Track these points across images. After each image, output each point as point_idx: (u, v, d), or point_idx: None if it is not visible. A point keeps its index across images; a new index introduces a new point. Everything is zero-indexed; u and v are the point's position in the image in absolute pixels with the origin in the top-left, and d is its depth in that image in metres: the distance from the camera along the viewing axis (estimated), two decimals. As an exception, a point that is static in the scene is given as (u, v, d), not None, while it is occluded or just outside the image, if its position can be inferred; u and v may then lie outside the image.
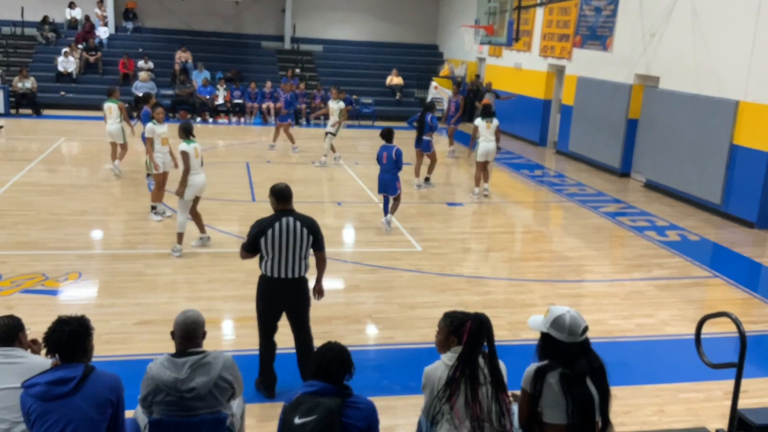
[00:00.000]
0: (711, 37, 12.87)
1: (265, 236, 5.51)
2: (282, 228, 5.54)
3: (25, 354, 4.03)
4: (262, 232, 5.52)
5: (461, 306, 4.39)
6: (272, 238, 5.50)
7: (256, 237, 5.53)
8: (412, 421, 4.48)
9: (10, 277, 8.03)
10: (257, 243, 5.53)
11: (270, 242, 5.50)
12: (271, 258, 5.54)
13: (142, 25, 25.43)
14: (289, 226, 5.56)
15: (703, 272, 9.66)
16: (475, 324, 3.83)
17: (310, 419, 3.56)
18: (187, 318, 4.16)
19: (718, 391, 6.23)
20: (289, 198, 5.72)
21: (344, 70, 25.28)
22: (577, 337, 3.73)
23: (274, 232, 5.51)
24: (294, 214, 5.66)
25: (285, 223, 5.56)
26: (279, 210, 5.66)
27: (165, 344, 5.40)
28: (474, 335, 3.81)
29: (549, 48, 18.98)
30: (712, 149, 12.68)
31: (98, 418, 3.61)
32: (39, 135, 17.62)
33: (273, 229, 5.52)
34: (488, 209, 12.82)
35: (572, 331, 3.72)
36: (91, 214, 10.82)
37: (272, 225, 5.53)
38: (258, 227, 5.57)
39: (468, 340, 3.81)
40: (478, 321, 3.84)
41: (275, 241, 5.50)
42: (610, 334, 7.38)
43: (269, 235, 5.50)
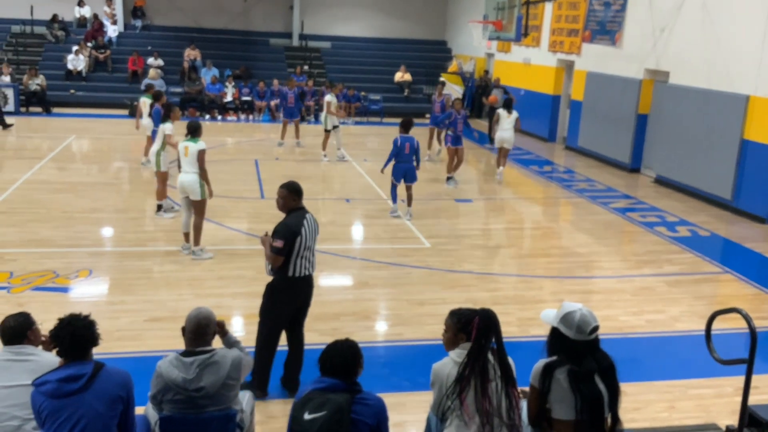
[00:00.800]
0: (721, 32, 12.79)
1: (301, 236, 5.49)
2: (310, 225, 5.61)
3: (35, 351, 4.05)
4: (298, 233, 5.48)
5: (470, 302, 4.39)
6: (305, 237, 5.54)
7: (293, 238, 5.46)
8: (421, 417, 4.48)
9: (21, 275, 8.08)
10: (293, 245, 5.47)
11: (304, 241, 5.53)
12: (301, 257, 5.54)
13: (150, 23, 25.51)
14: (311, 222, 5.64)
15: (714, 268, 9.62)
16: (483, 319, 3.83)
17: (320, 415, 3.57)
18: (199, 314, 4.17)
19: (728, 387, 6.20)
20: (302, 194, 5.76)
21: (352, 66, 25.26)
22: (584, 336, 3.71)
23: (306, 231, 5.55)
24: (309, 212, 5.72)
25: (309, 220, 5.62)
26: (297, 208, 5.66)
27: (175, 341, 5.43)
28: (482, 331, 3.80)
29: (558, 43, 18.91)
30: (723, 144, 12.61)
31: (109, 415, 3.64)
32: (49, 133, 17.71)
33: (305, 227, 5.54)
34: (497, 205, 12.80)
35: (580, 329, 3.71)
36: (101, 211, 10.87)
37: (302, 224, 5.53)
38: (291, 229, 5.49)
39: (477, 336, 3.80)
40: (486, 316, 3.84)
41: (307, 240, 5.55)
42: (620, 331, 7.35)
43: (304, 234, 5.52)
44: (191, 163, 8.83)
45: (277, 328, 5.75)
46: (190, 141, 8.93)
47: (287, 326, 5.82)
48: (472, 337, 3.83)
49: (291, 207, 5.65)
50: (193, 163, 8.82)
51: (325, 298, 7.95)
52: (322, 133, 15.83)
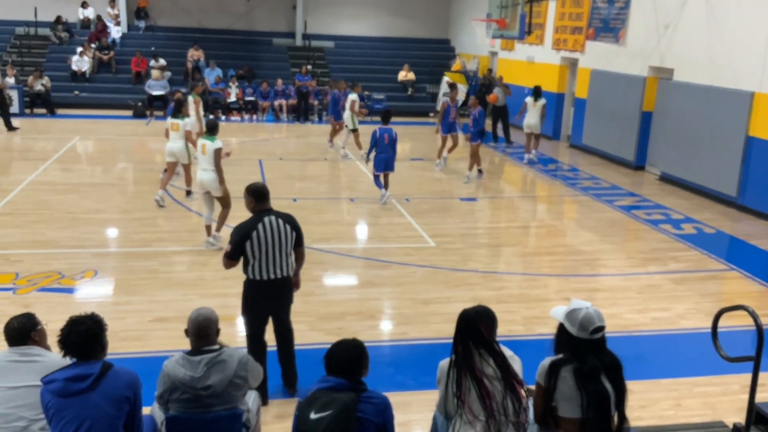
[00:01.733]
0: (725, 28, 12.75)
1: (250, 239, 5.34)
2: (266, 228, 5.38)
3: (41, 352, 4.06)
4: (247, 236, 5.34)
5: (475, 301, 4.37)
6: (258, 240, 5.34)
7: (241, 242, 5.35)
8: (427, 416, 4.48)
9: (27, 276, 8.10)
10: (243, 248, 5.35)
11: (256, 244, 5.34)
12: (258, 260, 5.39)
13: (154, 24, 25.55)
14: (272, 225, 5.42)
15: (720, 265, 9.59)
16: (459, 317, 3.88)
17: (326, 414, 3.57)
18: (199, 315, 4.18)
19: (735, 384, 6.18)
20: (268, 196, 5.60)
21: (356, 65, 25.25)
22: (586, 334, 3.70)
23: (259, 234, 5.35)
24: (275, 213, 5.52)
25: (268, 222, 5.41)
26: (259, 210, 5.52)
27: (180, 341, 5.43)
28: (458, 331, 3.85)
29: (562, 41, 18.88)
30: (728, 141, 12.57)
31: (115, 415, 3.64)
32: (53, 134, 17.74)
33: (257, 230, 5.36)
34: (501, 204, 12.79)
35: (583, 327, 3.70)
36: (106, 212, 10.89)
37: (256, 226, 5.37)
38: (241, 232, 5.38)
39: (455, 334, 3.86)
40: (463, 316, 3.88)
41: (261, 243, 5.35)
42: (625, 328, 7.33)
43: (254, 237, 5.34)
44: (209, 160, 9.06)
45: (255, 328, 5.66)
46: (208, 139, 9.17)
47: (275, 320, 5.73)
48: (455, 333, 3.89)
49: (252, 209, 5.56)
50: (211, 161, 9.06)
51: (329, 298, 7.96)
52: (326, 132, 15.86)
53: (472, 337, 3.83)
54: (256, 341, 5.67)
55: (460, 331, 3.86)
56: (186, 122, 11.36)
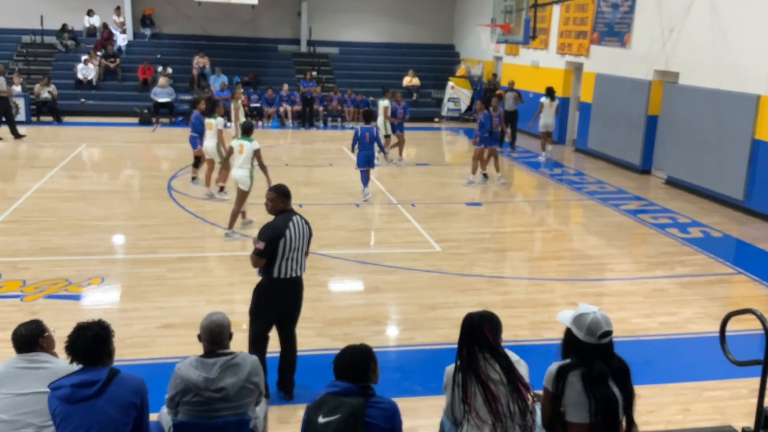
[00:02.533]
0: (730, 31, 12.73)
1: (284, 238, 5.53)
2: (296, 227, 5.63)
3: (49, 359, 4.07)
4: (281, 235, 5.53)
5: (482, 306, 4.38)
6: (290, 239, 5.56)
7: (276, 240, 5.52)
8: (435, 422, 4.47)
9: (34, 283, 8.12)
10: (276, 246, 5.53)
11: (288, 243, 5.55)
12: (286, 259, 5.58)
13: (159, 32, 25.65)
14: (299, 225, 5.66)
15: (727, 269, 9.56)
16: (464, 322, 3.88)
17: (334, 418, 3.57)
18: (211, 321, 4.20)
19: (743, 388, 6.15)
20: (290, 196, 5.83)
21: (361, 71, 25.31)
22: (593, 339, 3.69)
23: (291, 233, 5.57)
24: (298, 214, 5.77)
25: (296, 222, 5.65)
26: (285, 210, 5.72)
27: (188, 347, 5.45)
28: (463, 335, 3.85)
29: (566, 45, 18.88)
30: (734, 144, 12.54)
31: (123, 421, 3.65)
32: (60, 142, 17.82)
33: (290, 230, 5.58)
34: (507, 208, 12.77)
35: (590, 331, 3.70)
36: (112, 219, 10.92)
37: (288, 226, 5.58)
38: (274, 230, 5.56)
39: (460, 338, 3.86)
40: (467, 321, 3.87)
41: (292, 242, 5.57)
42: (632, 333, 7.31)
43: (288, 236, 5.55)
44: (245, 159, 9.89)
45: (264, 328, 5.77)
46: (245, 140, 10.01)
47: (279, 327, 5.84)
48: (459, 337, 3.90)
49: (279, 209, 5.72)
50: (247, 160, 9.88)
51: (336, 303, 7.96)
52: (331, 138, 15.89)
53: (477, 341, 3.83)
54: (260, 341, 5.76)
55: (464, 335, 3.87)
56: (219, 121, 11.90)
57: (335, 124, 22.30)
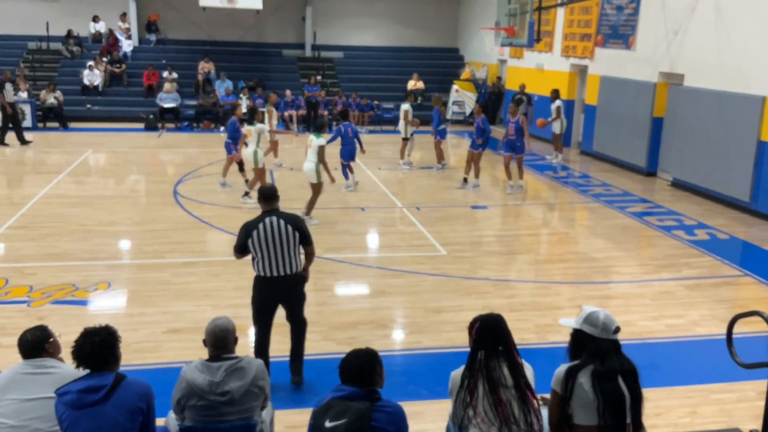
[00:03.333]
0: (735, 33, 12.71)
1: (251, 237, 5.72)
2: (267, 227, 5.73)
3: (56, 364, 4.08)
4: (248, 234, 5.73)
5: (487, 309, 4.36)
6: (258, 238, 5.70)
7: (244, 238, 5.74)
8: (441, 426, 4.46)
9: (41, 288, 8.15)
10: (245, 244, 5.74)
11: (257, 242, 5.70)
12: (261, 257, 5.74)
13: (164, 37, 25.73)
14: (273, 225, 5.74)
15: (734, 271, 9.52)
16: (482, 325, 3.85)
17: (341, 423, 3.57)
18: (216, 326, 4.20)
19: (751, 391, 6.13)
20: (274, 198, 5.92)
21: (365, 75, 25.33)
22: (609, 334, 3.75)
23: (260, 233, 5.70)
24: (278, 213, 5.85)
25: (269, 222, 5.74)
26: (264, 210, 5.88)
27: (194, 352, 5.46)
28: (479, 337, 3.83)
29: (571, 48, 18.87)
30: (740, 146, 12.50)
31: (129, 426, 3.65)
32: (66, 148, 17.89)
33: (258, 229, 5.71)
34: (513, 211, 12.76)
35: (606, 327, 3.75)
36: (118, 224, 10.95)
37: (257, 226, 5.74)
38: (244, 229, 5.78)
39: (475, 341, 3.83)
40: (484, 321, 3.86)
41: (262, 241, 5.70)
42: (639, 336, 7.29)
43: (255, 235, 5.70)
44: (312, 153, 10.83)
45: (255, 321, 6.00)
46: (315, 136, 10.93)
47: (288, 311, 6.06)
48: (471, 342, 3.86)
49: (262, 209, 5.91)
50: (314, 154, 10.79)
51: (341, 307, 7.96)
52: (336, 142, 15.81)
53: (498, 343, 3.81)
54: (259, 331, 5.98)
55: (483, 338, 3.82)
56: (258, 128, 12.02)
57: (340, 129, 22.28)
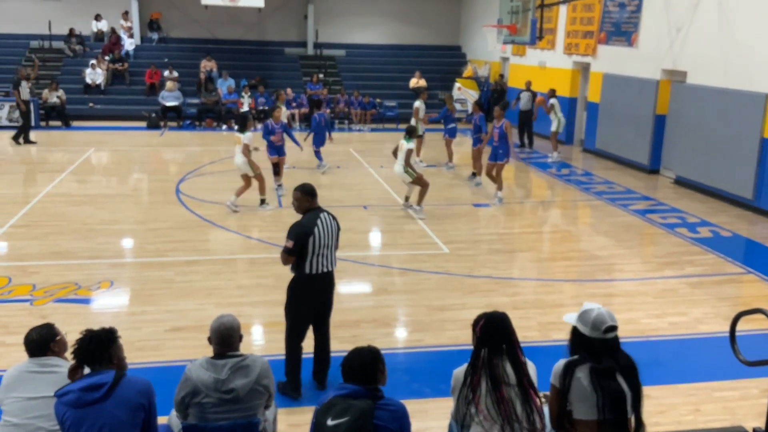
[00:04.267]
0: (738, 30, 12.67)
1: (313, 236, 5.65)
2: (324, 224, 5.74)
3: (60, 363, 4.09)
4: (310, 232, 5.65)
5: (490, 307, 4.35)
6: (319, 236, 5.68)
7: (305, 238, 5.64)
8: (443, 424, 4.46)
9: (44, 287, 8.16)
10: (306, 244, 5.65)
11: (318, 240, 5.67)
12: (317, 255, 5.70)
13: (167, 36, 25.74)
14: (327, 221, 5.79)
15: (737, 269, 9.51)
16: (487, 323, 3.84)
17: (343, 421, 3.57)
18: (221, 324, 4.20)
19: (754, 389, 6.12)
20: (316, 194, 5.94)
21: (367, 73, 25.33)
22: (599, 333, 3.71)
23: (320, 230, 5.69)
24: (325, 210, 5.88)
25: (324, 219, 5.77)
26: (312, 208, 5.83)
27: (197, 350, 5.46)
28: (484, 335, 3.81)
29: (573, 45, 18.84)
30: (743, 143, 12.48)
31: (131, 423, 3.65)
32: (69, 146, 17.90)
33: (318, 227, 5.69)
34: (515, 209, 12.75)
35: (595, 326, 3.72)
36: (121, 223, 10.95)
37: (316, 223, 5.70)
38: (303, 228, 5.68)
39: (480, 338, 3.82)
40: (489, 319, 3.85)
41: (321, 238, 5.69)
42: (642, 333, 7.28)
43: (317, 233, 5.67)
44: (401, 156, 11.52)
45: (299, 325, 5.87)
46: (405, 140, 11.59)
47: (313, 325, 5.96)
48: (475, 339, 3.84)
49: (306, 208, 5.84)
50: (403, 157, 11.47)
51: (344, 305, 7.95)
52: (338, 140, 15.90)
53: (500, 341, 3.80)
54: (296, 337, 5.87)
55: (489, 335, 3.82)
56: (246, 136, 11.69)
57: (342, 127, 22.31)
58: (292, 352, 5.88)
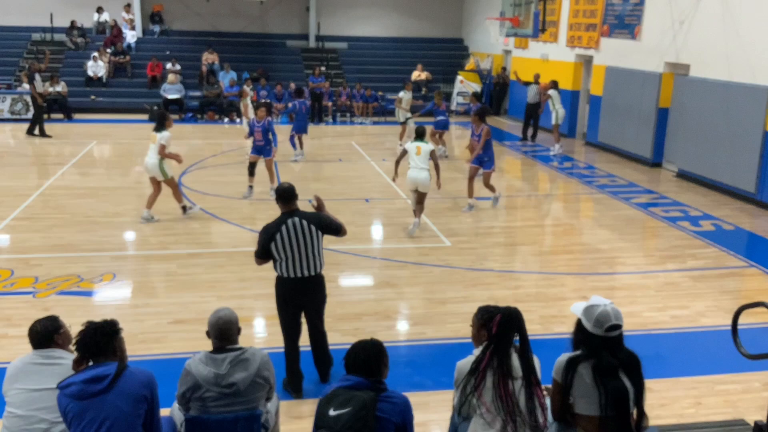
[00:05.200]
0: (741, 23, 12.63)
1: (274, 241, 5.53)
2: (290, 229, 5.56)
3: (64, 355, 4.10)
4: (272, 237, 5.54)
5: (492, 300, 4.37)
6: (282, 241, 5.52)
7: (267, 243, 5.55)
8: (445, 416, 4.47)
9: (46, 280, 8.18)
10: (268, 248, 5.56)
11: (281, 245, 5.53)
12: (285, 259, 5.57)
13: (168, 28, 25.71)
14: (296, 226, 5.58)
15: (739, 262, 9.50)
16: (505, 318, 3.81)
17: (345, 411, 3.58)
18: (219, 318, 4.20)
19: (756, 382, 6.13)
20: (293, 198, 5.73)
21: (370, 66, 25.28)
22: (600, 331, 3.67)
23: (283, 235, 5.53)
24: (300, 214, 5.67)
25: (292, 224, 5.58)
26: (285, 212, 5.69)
27: (199, 343, 5.46)
28: (502, 329, 3.79)
29: (576, 38, 18.78)
30: (746, 137, 12.45)
31: (134, 414, 3.66)
32: (71, 139, 17.90)
33: (281, 232, 5.54)
34: (517, 203, 12.74)
35: (598, 323, 3.68)
36: (123, 215, 10.96)
37: (279, 228, 5.55)
38: (266, 233, 5.59)
39: (496, 333, 3.80)
40: (507, 314, 3.82)
41: (285, 243, 5.53)
42: (644, 327, 7.28)
43: (278, 238, 5.53)
44: (423, 160, 10.15)
45: (286, 327, 5.83)
46: (422, 142, 10.29)
47: (307, 321, 5.90)
48: (492, 333, 3.82)
49: (281, 210, 5.73)
50: (425, 161, 10.15)
51: (346, 299, 7.96)
52: (340, 134, 15.91)
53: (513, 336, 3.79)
54: (290, 340, 5.82)
55: (505, 331, 3.78)
56: (163, 135, 10.38)
57: (344, 120, 22.30)
58: (287, 351, 5.85)
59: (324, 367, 6.01)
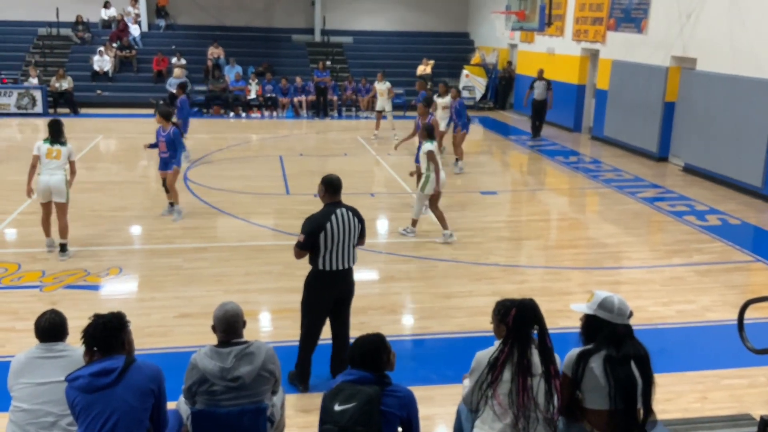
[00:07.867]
0: (748, 17, 12.56)
1: (324, 231, 5.46)
2: (339, 220, 5.53)
3: (69, 347, 4.12)
4: (321, 227, 5.47)
5: (497, 295, 4.36)
6: (331, 232, 5.48)
7: (315, 233, 5.46)
8: (450, 410, 4.48)
9: (53, 273, 8.21)
10: (316, 239, 5.47)
11: (330, 236, 5.47)
12: (329, 251, 5.52)
13: (174, 23, 25.71)
14: (344, 217, 5.57)
15: (745, 256, 9.47)
16: (520, 311, 3.80)
17: (350, 406, 3.59)
18: (226, 312, 4.21)
19: (762, 377, 6.12)
20: (340, 189, 5.72)
21: (375, 60, 25.21)
22: (624, 319, 3.75)
23: (332, 226, 5.49)
24: (345, 206, 5.67)
25: (340, 215, 5.56)
26: (331, 202, 5.65)
27: (205, 336, 5.48)
28: (517, 323, 3.79)
29: (582, 32, 18.71)
30: (752, 131, 12.40)
31: (141, 408, 3.68)
32: (77, 134, 17.89)
33: (331, 222, 5.49)
34: (523, 197, 12.72)
35: (621, 312, 3.76)
36: (129, 210, 10.99)
37: (329, 218, 5.50)
38: (314, 223, 5.50)
39: (513, 327, 3.79)
40: (522, 307, 3.82)
41: (334, 235, 5.49)
42: (650, 321, 7.28)
43: (328, 229, 5.47)
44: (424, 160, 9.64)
45: (314, 320, 5.76)
46: (429, 142, 9.55)
47: (332, 318, 5.86)
48: (509, 328, 3.82)
49: (326, 201, 5.68)
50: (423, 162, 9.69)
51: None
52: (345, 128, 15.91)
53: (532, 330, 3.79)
54: (310, 333, 5.76)
55: (521, 326, 3.78)
56: (68, 148, 9.13)
57: (349, 114, 22.29)
58: (304, 348, 5.79)
59: (343, 365, 5.95)
